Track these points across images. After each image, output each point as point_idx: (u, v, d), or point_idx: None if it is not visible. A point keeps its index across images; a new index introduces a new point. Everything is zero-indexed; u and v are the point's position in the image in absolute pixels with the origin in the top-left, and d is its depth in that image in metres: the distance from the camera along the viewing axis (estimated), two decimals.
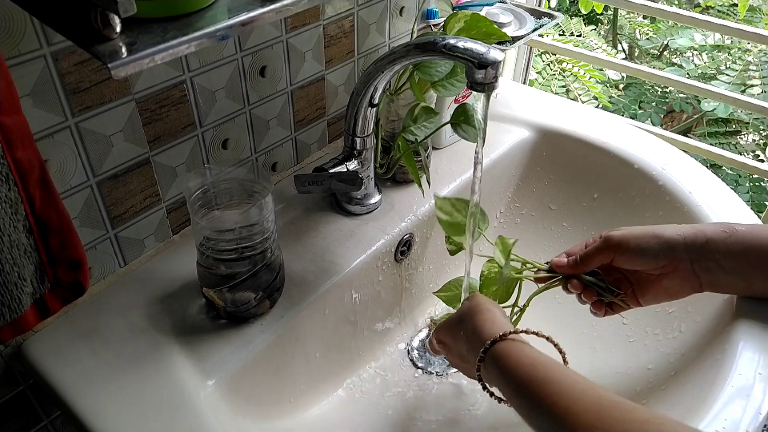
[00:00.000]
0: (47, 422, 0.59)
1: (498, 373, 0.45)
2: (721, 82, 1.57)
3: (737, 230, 0.46)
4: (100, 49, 0.30)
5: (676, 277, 0.48)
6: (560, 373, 0.42)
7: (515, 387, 0.43)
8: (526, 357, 0.44)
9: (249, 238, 0.50)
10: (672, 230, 0.48)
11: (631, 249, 0.49)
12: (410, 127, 0.64)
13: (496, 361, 0.45)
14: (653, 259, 0.48)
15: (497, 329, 0.46)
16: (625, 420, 0.36)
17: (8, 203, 0.37)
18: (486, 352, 0.46)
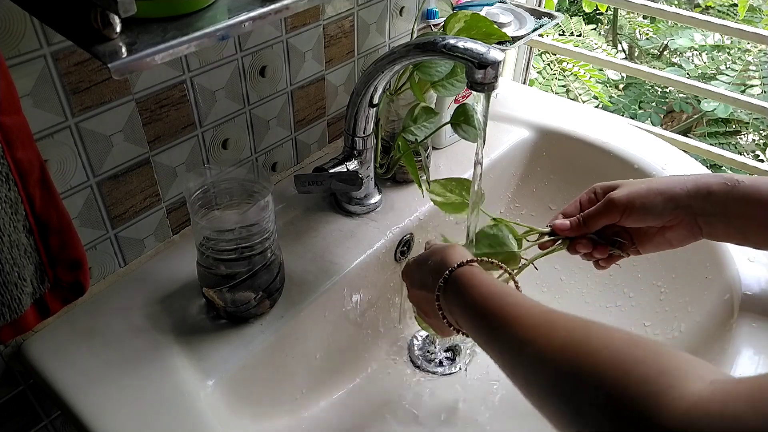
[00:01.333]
0: (47, 422, 0.59)
1: (456, 294, 0.45)
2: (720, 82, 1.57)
3: (739, 183, 0.47)
4: (100, 49, 0.30)
5: (679, 228, 0.49)
6: (515, 292, 0.43)
7: (471, 305, 0.43)
8: (485, 278, 0.45)
9: (249, 238, 0.50)
10: (675, 184, 0.48)
11: (636, 210, 0.49)
12: (410, 127, 0.64)
13: (455, 283, 0.45)
14: (659, 217, 0.49)
15: (458, 257, 0.47)
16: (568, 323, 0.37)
17: (8, 203, 0.37)
18: (449, 274, 0.46)
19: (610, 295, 0.71)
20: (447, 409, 0.64)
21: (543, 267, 0.76)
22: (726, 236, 0.48)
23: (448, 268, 0.46)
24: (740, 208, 0.47)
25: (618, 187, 0.51)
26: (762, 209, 0.46)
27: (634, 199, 0.49)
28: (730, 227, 0.48)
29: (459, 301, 0.45)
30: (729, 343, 0.53)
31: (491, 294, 0.43)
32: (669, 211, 0.48)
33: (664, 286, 0.67)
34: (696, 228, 0.49)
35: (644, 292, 0.68)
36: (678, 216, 0.48)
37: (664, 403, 0.29)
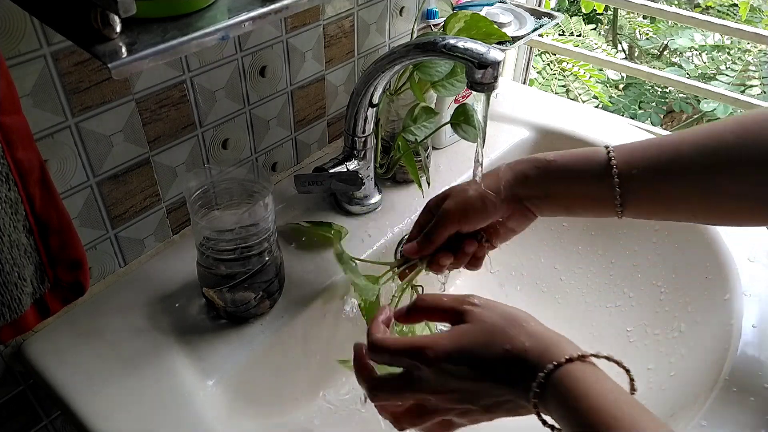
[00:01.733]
0: (47, 422, 0.59)
1: (558, 401, 0.37)
2: (720, 82, 1.57)
3: (550, 162, 0.49)
4: (100, 49, 0.30)
5: (515, 216, 0.51)
6: (632, 410, 0.36)
7: (579, 418, 0.36)
8: (595, 385, 0.37)
9: (249, 238, 0.50)
10: (498, 180, 0.50)
11: (470, 214, 0.50)
12: (410, 127, 0.64)
13: (563, 388, 0.37)
14: (494, 214, 0.50)
15: (553, 353, 0.38)
16: None
17: (8, 203, 0.37)
18: (547, 378, 0.37)
19: (610, 295, 0.71)
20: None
21: (543, 267, 0.76)
22: (554, 213, 0.50)
23: (543, 365, 0.37)
24: (557, 186, 0.49)
25: (448, 197, 0.52)
26: (575, 183, 0.48)
27: (465, 205, 0.50)
28: (554, 205, 0.50)
29: (561, 410, 0.37)
30: (729, 344, 0.53)
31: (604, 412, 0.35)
32: (500, 206, 0.50)
33: (664, 286, 0.67)
34: (528, 212, 0.51)
35: (644, 292, 0.68)
36: (510, 207, 0.50)
37: None
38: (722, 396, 0.49)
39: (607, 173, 0.47)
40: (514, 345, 0.39)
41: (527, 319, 0.41)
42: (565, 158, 0.49)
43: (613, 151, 0.47)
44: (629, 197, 0.47)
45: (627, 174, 0.46)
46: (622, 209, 0.47)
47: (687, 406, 0.51)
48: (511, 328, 0.40)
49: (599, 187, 0.47)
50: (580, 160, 0.49)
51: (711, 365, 0.53)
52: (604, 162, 0.47)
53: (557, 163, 0.49)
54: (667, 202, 0.47)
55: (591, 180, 0.48)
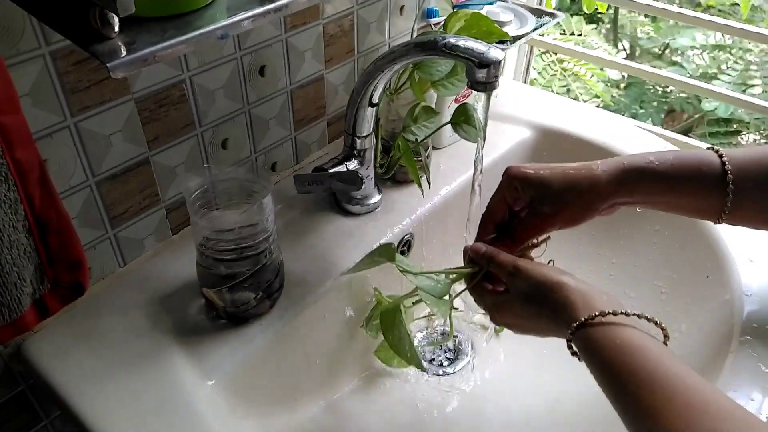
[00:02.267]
0: (47, 422, 0.59)
1: (586, 355, 0.41)
2: (722, 81, 1.57)
3: (657, 170, 0.48)
4: (98, 49, 0.30)
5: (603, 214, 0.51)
6: (653, 364, 0.38)
7: (604, 373, 0.40)
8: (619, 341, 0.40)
9: (249, 238, 0.50)
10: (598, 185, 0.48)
11: (574, 221, 0.50)
12: (410, 126, 0.64)
13: (585, 345, 0.41)
14: (591, 218, 0.50)
15: (585, 309, 0.42)
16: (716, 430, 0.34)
17: (7, 203, 0.37)
18: (573, 334, 0.42)
19: None
20: (448, 408, 0.64)
21: None
22: (648, 208, 0.50)
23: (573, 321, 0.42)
24: (664, 196, 0.48)
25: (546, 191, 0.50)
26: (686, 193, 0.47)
27: (566, 215, 0.49)
28: (654, 207, 0.49)
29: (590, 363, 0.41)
30: (729, 344, 0.53)
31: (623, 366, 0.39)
32: (597, 214, 0.49)
33: (665, 286, 0.67)
34: (615, 209, 0.50)
35: (644, 292, 0.68)
36: (607, 212, 0.50)
37: None
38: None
39: (722, 185, 0.46)
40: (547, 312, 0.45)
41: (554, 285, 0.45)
42: (676, 166, 0.47)
43: (728, 161, 0.46)
44: (738, 208, 0.46)
45: (742, 186, 0.46)
46: (726, 218, 0.47)
47: None
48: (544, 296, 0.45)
49: (710, 199, 0.47)
50: (693, 171, 0.47)
51: (712, 365, 0.53)
52: (719, 175, 0.46)
53: (668, 174, 0.47)
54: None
55: (703, 192, 0.47)
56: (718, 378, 0.50)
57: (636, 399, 0.37)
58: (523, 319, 0.48)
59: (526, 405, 0.63)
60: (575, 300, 0.43)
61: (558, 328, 0.44)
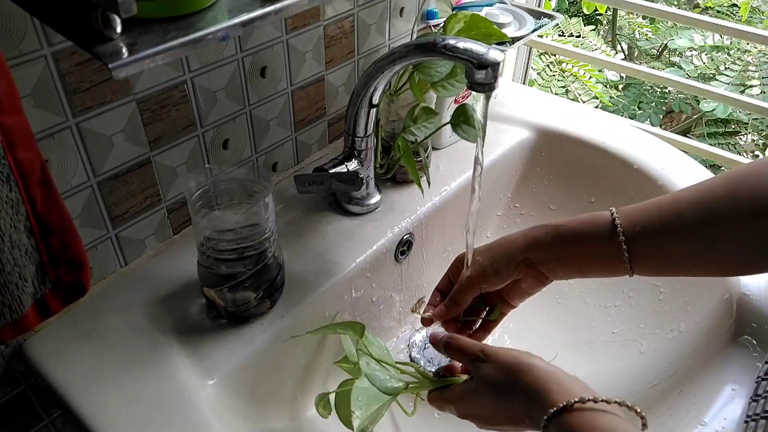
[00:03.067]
0: (48, 422, 0.59)
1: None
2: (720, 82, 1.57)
3: (560, 227, 0.51)
4: (100, 50, 0.30)
5: (528, 279, 0.53)
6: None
7: None
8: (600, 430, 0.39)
9: (249, 238, 0.50)
10: (512, 244, 0.53)
11: (490, 276, 0.53)
12: (410, 127, 0.64)
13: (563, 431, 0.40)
14: (508, 275, 0.53)
15: (561, 396, 0.41)
16: None
17: (9, 204, 0.37)
18: (550, 421, 0.41)
19: (610, 295, 0.71)
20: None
21: None
22: (567, 275, 0.52)
23: (545, 410, 0.41)
24: (568, 250, 0.51)
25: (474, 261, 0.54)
26: (585, 245, 0.50)
27: (484, 270, 0.53)
28: (566, 267, 0.52)
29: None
30: (728, 344, 0.53)
31: None
32: (513, 268, 0.52)
33: (664, 286, 0.67)
34: (541, 275, 0.53)
35: (643, 292, 0.69)
36: (522, 270, 0.52)
37: None
38: (721, 396, 0.49)
39: (613, 234, 0.49)
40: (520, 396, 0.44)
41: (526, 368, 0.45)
42: (573, 222, 0.51)
43: (617, 213, 0.49)
44: (637, 256, 0.48)
45: (631, 233, 0.48)
46: (632, 268, 0.49)
47: (687, 405, 0.51)
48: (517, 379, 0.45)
49: (607, 248, 0.49)
50: (587, 224, 0.50)
51: (711, 365, 0.53)
52: (609, 223, 0.49)
53: (566, 228, 0.51)
54: (673, 258, 0.48)
55: (599, 242, 0.49)
56: (718, 378, 0.51)
57: None
58: (490, 408, 0.47)
59: None
60: (550, 385, 0.42)
61: (531, 415, 0.43)
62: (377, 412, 0.50)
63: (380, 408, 0.50)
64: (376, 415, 0.50)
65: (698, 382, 0.53)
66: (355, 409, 0.48)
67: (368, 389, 0.51)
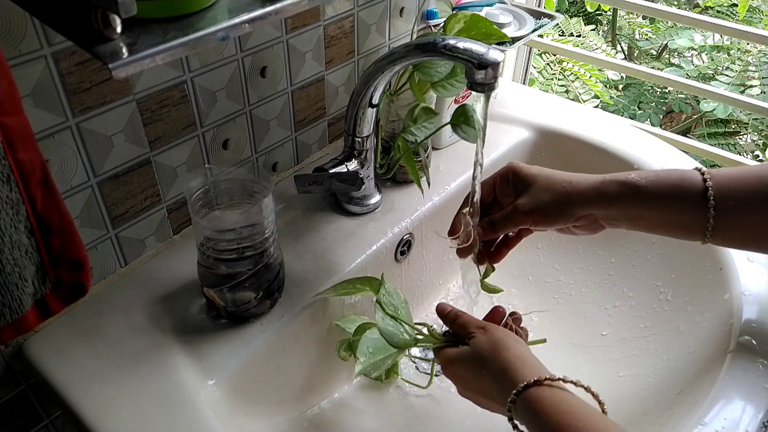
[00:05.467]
0: (48, 422, 0.59)
1: (529, 417, 0.42)
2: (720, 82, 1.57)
3: (639, 187, 0.48)
4: (100, 50, 0.30)
5: (585, 227, 0.52)
6: (598, 424, 0.39)
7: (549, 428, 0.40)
8: (562, 404, 0.41)
9: (249, 238, 0.50)
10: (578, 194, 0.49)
11: (542, 221, 0.51)
12: (410, 127, 0.64)
13: (528, 406, 0.42)
14: (563, 225, 0.51)
15: (528, 373, 0.44)
16: None
17: (9, 204, 0.37)
18: (518, 394, 0.43)
19: (609, 295, 0.71)
20: (448, 408, 0.64)
21: (543, 267, 0.76)
22: (631, 229, 0.50)
23: (515, 384, 0.43)
24: (644, 212, 0.48)
25: (530, 188, 0.51)
26: (666, 211, 0.48)
27: (544, 209, 0.50)
28: (636, 226, 0.50)
29: (533, 427, 0.42)
30: (728, 343, 0.53)
31: (572, 429, 0.39)
32: (573, 219, 0.50)
33: (664, 286, 0.67)
34: (599, 227, 0.51)
35: (643, 292, 0.69)
36: (581, 220, 0.50)
37: None
38: (721, 396, 0.49)
39: (702, 204, 0.46)
40: (494, 368, 0.46)
41: (510, 345, 0.47)
42: (656, 184, 0.47)
43: (710, 180, 0.46)
44: (721, 227, 0.46)
45: (723, 205, 0.45)
46: (711, 237, 0.47)
47: (686, 405, 0.51)
48: (497, 354, 0.47)
49: (691, 218, 0.46)
50: (673, 188, 0.47)
51: (710, 365, 0.53)
52: (700, 192, 0.46)
53: (648, 190, 0.47)
54: (759, 234, 0.46)
55: (683, 210, 0.47)
56: (718, 377, 0.51)
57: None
58: (467, 376, 0.50)
59: None
60: (520, 363, 0.45)
61: (501, 389, 0.45)
62: (382, 362, 0.52)
63: (385, 358, 0.53)
64: (380, 365, 0.52)
65: (698, 382, 0.53)
66: (360, 355, 0.52)
67: (377, 340, 0.53)
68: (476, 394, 0.50)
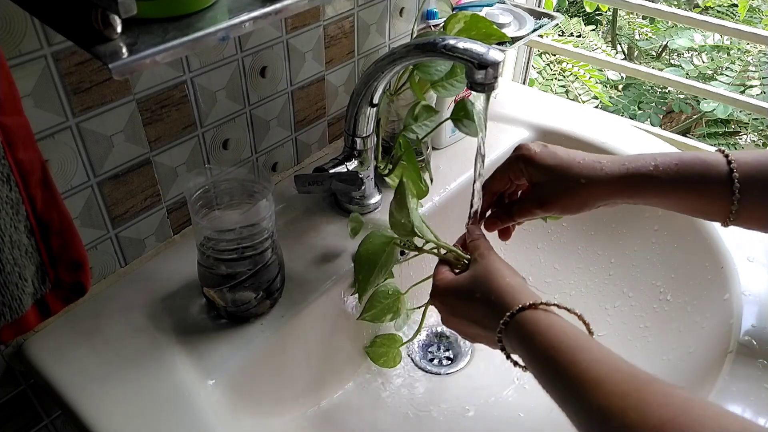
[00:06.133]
0: (48, 422, 0.59)
1: (521, 339, 0.42)
2: (720, 82, 1.57)
3: (660, 170, 0.48)
4: (100, 50, 0.30)
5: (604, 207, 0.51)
6: (591, 343, 0.39)
7: (540, 353, 0.40)
8: (556, 325, 0.41)
9: (249, 237, 0.50)
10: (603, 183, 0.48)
11: (569, 209, 0.50)
12: (411, 125, 0.64)
13: (520, 328, 0.42)
14: (587, 210, 0.50)
15: (523, 297, 0.43)
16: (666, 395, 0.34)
17: (9, 204, 0.37)
18: (511, 317, 0.43)
19: (609, 295, 0.71)
20: (448, 408, 0.64)
21: (543, 267, 0.76)
22: (652, 206, 0.50)
23: (506, 308, 0.43)
24: (668, 194, 0.48)
25: (550, 178, 0.50)
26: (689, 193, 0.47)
27: (560, 205, 0.50)
28: (657, 205, 0.50)
29: (525, 348, 0.42)
30: (728, 344, 0.53)
31: (565, 346, 0.39)
32: (596, 206, 0.50)
33: (663, 286, 0.67)
34: (617, 205, 0.50)
35: (643, 292, 0.69)
36: (603, 204, 0.50)
37: None
38: (722, 396, 0.49)
39: (727, 188, 0.45)
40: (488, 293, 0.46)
41: (507, 274, 0.47)
42: (682, 173, 0.47)
43: (735, 163, 0.46)
44: (745, 210, 0.46)
45: (749, 189, 0.45)
46: (733, 220, 0.47)
47: None
48: (492, 279, 0.47)
49: (716, 202, 0.46)
50: (697, 176, 0.47)
51: (710, 365, 0.53)
52: (725, 175, 0.46)
53: (672, 179, 0.47)
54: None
55: (708, 195, 0.46)
56: (717, 377, 0.51)
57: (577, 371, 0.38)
58: (458, 300, 0.49)
59: (525, 404, 0.64)
60: (521, 290, 0.45)
61: (494, 313, 0.44)
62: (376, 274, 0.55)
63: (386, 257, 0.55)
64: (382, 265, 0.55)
65: (698, 383, 0.53)
66: None
67: None
68: (463, 319, 0.49)
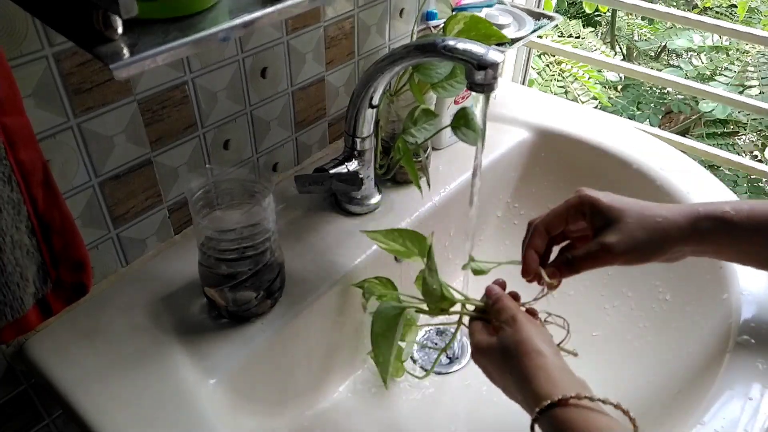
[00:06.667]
0: (49, 421, 0.59)
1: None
2: (719, 83, 1.57)
3: (732, 224, 0.46)
4: (101, 50, 0.30)
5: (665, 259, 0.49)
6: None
7: None
8: (593, 427, 0.39)
9: (250, 237, 0.50)
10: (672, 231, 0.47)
11: (634, 261, 0.48)
12: (410, 129, 0.64)
13: (554, 426, 0.40)
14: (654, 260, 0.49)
15: (555, 389, 0.41)
16: None
17: (11, 204, 0.38)
18: (542, 412, 0.40)
19: (609, 295, 0.71)
20: (448, 408, 0.65)
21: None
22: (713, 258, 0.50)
23: (538, 400, 0.41)
24: (731, 245, 0.47)
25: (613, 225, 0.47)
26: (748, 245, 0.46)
27: (636, 252, 0.47)
28: (716, 256, 0.49)
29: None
30: (727, 343, 0.53)
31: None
32: (665, 257, 0.48)
33: (663, 285, 0.67)
34: (680, 257, 0.49)
35: (643, 292, 0.69)
36: (669, 255, 0.48)
37: None
38: (720, 395, 0.49)
39: None
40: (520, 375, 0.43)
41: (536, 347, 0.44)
42: (753, 219, 0.46)
43: None
44: None
45: None
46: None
47: (685, 405, 0.51)
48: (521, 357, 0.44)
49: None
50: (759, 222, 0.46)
51: (708, 364, 0.54)
52: None
53: (743, 225, 0.46)
54: None
55: None
56: (716, 376, 0.51)
57: None
58: (496, 369, 0.47)
59: None
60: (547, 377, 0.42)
61: (524, 399, 0.43)
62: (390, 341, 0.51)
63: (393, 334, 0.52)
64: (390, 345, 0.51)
65: (697, 382, 0.53)
66: None
67: None
68: (503, 390, 0.47)
